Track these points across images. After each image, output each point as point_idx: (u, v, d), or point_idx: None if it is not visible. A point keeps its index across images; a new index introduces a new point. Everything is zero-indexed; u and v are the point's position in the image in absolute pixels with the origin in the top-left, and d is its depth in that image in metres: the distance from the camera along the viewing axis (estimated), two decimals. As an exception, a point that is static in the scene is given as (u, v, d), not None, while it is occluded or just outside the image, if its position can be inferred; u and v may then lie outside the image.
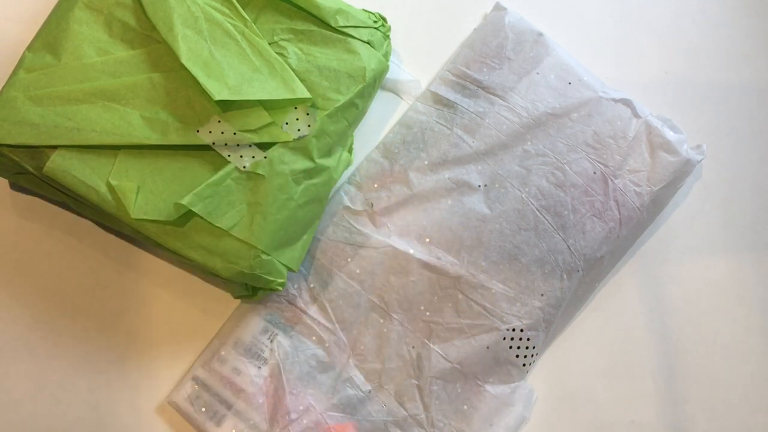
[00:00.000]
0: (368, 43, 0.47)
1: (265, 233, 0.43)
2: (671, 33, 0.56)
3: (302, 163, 0.44)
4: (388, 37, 0.49)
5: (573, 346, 0.51)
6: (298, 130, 0.44)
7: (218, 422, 0.45)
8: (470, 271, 0.48)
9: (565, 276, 0.48)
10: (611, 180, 0.49)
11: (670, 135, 0.50)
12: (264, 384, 0.46)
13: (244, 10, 0.45)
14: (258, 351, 0.46)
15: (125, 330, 0.48)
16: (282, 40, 0.46)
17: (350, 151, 0.49)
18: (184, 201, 0.41)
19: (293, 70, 0.45)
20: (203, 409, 0.45)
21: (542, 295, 0.48)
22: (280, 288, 0.45)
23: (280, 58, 0.44)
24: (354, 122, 0.48)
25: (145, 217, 0.41)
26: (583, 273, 0.49)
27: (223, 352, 0.46)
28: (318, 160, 0.45)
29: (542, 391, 0.50)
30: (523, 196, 0.49)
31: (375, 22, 0.48)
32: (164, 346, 0.48)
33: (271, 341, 0.47)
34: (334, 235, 0.49)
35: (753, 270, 0.53)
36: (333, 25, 0.46)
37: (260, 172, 0.43)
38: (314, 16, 0.46)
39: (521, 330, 0.47)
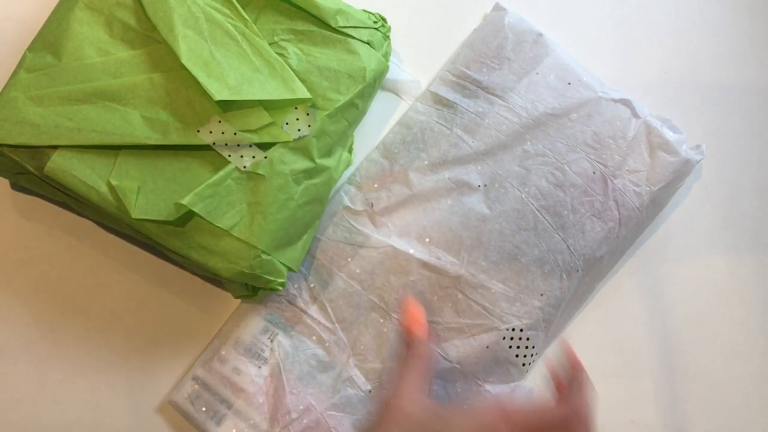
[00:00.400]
0: (368, 43, 0.47)
1: (265, 233, 0.43)
2: (671, 33, 0.56)
3: (302, 163, 0.44)
4: (388, 37, 0.49)
5: (573, 346, 0.50)
6: (299, 130, 0.44)
7: (218, 422, 0.45)
8: (470, 270, 0.48)
9: (564, 276, 0.48)
10: (611, 180, 0.49)
11: (670, 135, 0.50)
12: (264, 383, 0.46)
13: (244, 10, 0.45)
14: (258, 351, 0.47)
15: (125, 330, 0.48)
16: (282, 40, 0.46)
17: (350, 151, 0.49)
18: (185, 201, 0.41)
19: (293, 70, 0.45)
20: (203, 409, 0.45)
21: (542, 294, 0.48)
22: (281, 288, 0.45)
23: (280, 59, 0.44)
24: (354, 122, 0.48)
25: (145, 217, 0.42)
26: (582, 273, 0.49)
27: (223, 352, 0.46)
28: (318, 160, 0.45)
29: (542, 391, 0.49)
30: (523, 196, 0.49)
31: (375, 22, 0.48)
32: (164, 345, 0.48)
33: (272, 341, 0.47)
34: (334, 235, 0.49)
35: (753, 270, 0.53)
36: (333, 25, 0.46)
37: (260, 172, 0.43)
38: (314, 17, 0.46)
39: (521, 330, 0.47)
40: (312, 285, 0.48)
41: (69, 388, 0.47)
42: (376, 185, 0.50)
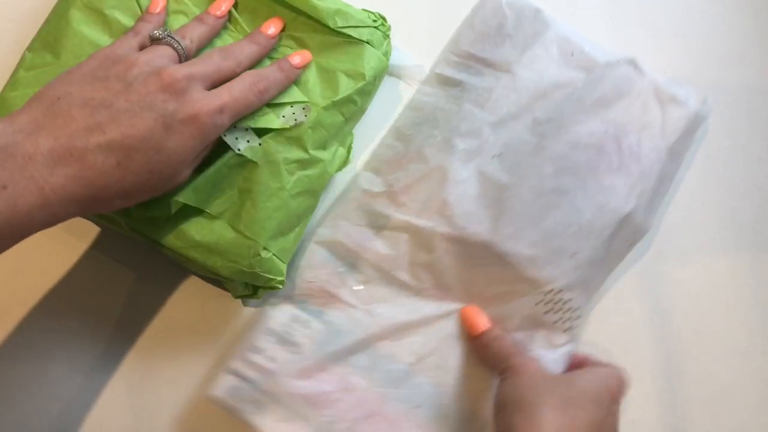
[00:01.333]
0: (368, 42, 0.47)
1: (254, 221, 0.43)
2: (671, 33, 0.56)
3: (296, 153, 0.44)
4: (388, 36, 0.49)
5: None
6: (294, 117, 0.44)
7: (260, 411, 0.45)
8: (496, 239, 0.47)
9: (593, 234, 0.48)
10: (624, 137, 0.49)
11: (677, 90, 0.50)
12: (301, 369, 0.46)
13: (242, 19, 0.46)
14: (291, 338, 0.46)
15: (125, 330, 0.48)
16: (281, 46, 0.46)
17: (349, 150, 0.49)
18: (181, 198, 0.41)
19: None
20: (244, 400, 0.45)
21: (573, 255, 0.47)
22: (280, 286, 0.45)
23: None
24: (351, 118, 0.48)
25: (143, 214, 0.42)
26: (612, 229, 0.48)
27: (257, 343, 0.46)
28: (312, 152, 0.45)
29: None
30: (539, 161, 0.48)
31: (374, 21, 0.48)
32: (164, 346, 0.48)
33: (304, 327, 0.47)
34: (357, 219, 0.49)
35: (753, 270, 0.53)
36: (332, 25, 0.46)
37: (253, 159, 0.43)
38: (313, 19, 0.46)
39: (557, 292, 0.47)
40: (340, 270, 0.48)
41: (69, 387, 0.47)
42: (392, 167, 0.50)
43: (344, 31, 0.46)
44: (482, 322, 0.47)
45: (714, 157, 0.54)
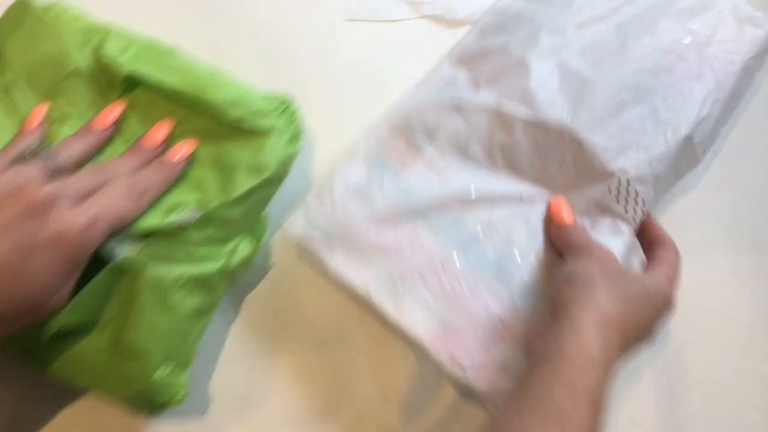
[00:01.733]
0: (271, 130, 0.43)
1: (142, 337, 0.39)
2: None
3: (186, 253, 0.41)
4: (294, 120, 0.46)
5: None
6: (183, 217, 0.41)
7: (330, 248, 0.46)
8: (573, 126, 0.48)
9: (669, 132, 0.49)
10: (704, 48, 0.51)
11: (754, 11, 0.54)
12: (373, 219, 0.46)
13: (134, 117, 0.44)
14: (368, 193, 0.47)
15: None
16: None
17: (260, 236, 0.46)
18: (55, 321, 0.37)
19: (187, 173, 0.43)
20: (315, 236, 0.46)
21: (647, 149, 0.48)
22: (181, 402, 0.41)
23: None
24: (255, 209, 0.45)
25: (18, 344, 0.39)
26: (686, 132, 0.49)
27: (334, 189, 0.47)
28: (205, 250, 0.41)
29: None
30: (622, 59, 0.50)
31: (282, 104, 0.45)
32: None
33: (379, 183, 0.48)
34: (439, 101, 0.50)
35: (753, 270, 0.53)
36: (230, 117, 0.42)
37: (137, 264, 0.39)
38: (209, 113, 0.43)
39: (627, 182, 0.47)
40: (419, 137, 0.49)
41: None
42: (476, 60, 0.51)
43: (243, 123, 0.43)
44: (568, 214, 0.47)
45: (714, 156, 0.54)
